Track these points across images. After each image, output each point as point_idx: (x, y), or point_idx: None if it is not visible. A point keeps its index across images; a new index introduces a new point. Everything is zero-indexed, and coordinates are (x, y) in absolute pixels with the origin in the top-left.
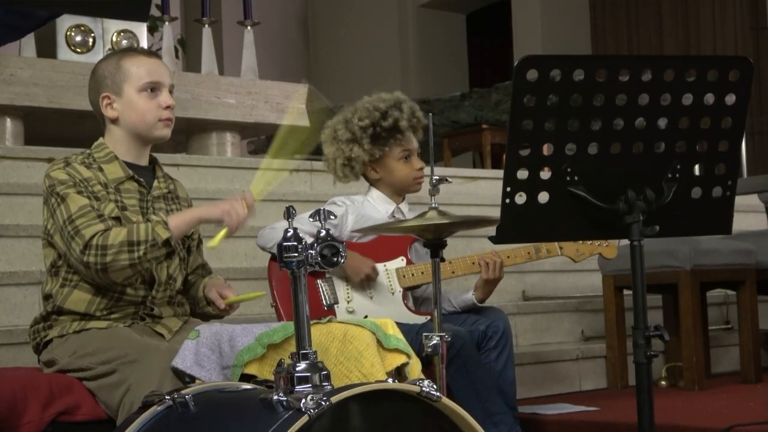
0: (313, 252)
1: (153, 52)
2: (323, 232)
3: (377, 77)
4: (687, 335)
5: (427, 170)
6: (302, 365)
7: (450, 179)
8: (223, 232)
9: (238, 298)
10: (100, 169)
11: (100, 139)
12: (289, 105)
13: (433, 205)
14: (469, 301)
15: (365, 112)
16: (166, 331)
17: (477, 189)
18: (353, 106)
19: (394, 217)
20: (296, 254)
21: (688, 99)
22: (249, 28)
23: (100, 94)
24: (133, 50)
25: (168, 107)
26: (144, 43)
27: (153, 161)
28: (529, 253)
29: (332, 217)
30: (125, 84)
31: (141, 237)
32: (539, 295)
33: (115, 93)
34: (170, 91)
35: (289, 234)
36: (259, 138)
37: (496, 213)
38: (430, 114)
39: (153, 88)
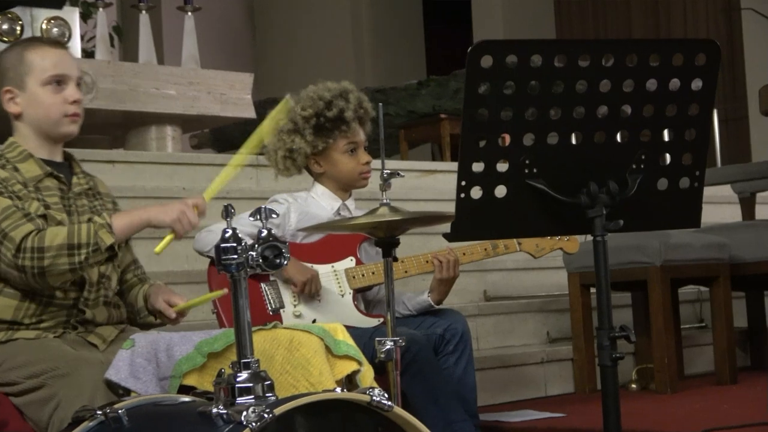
0: (253, 253)
1: (59, 42)
2: (264, 232)
3: (329, 66)
4: (658, 335)
5: (378, 164)
6: (244, 375)
7: (402, 173)
8: (169, 238)
9: (189, 303)
10: (16, 169)
11: (10, 138)
12: (238, 96)
13: (385, 201)
14: (425, 302)
15: (308, 102)
16: (100, 341)
17: (435, 183)
18: (296, 96)
19: (340, 214)
20: (235, 256)
21: (652, 85)
22: (190, 13)
23: (1, 88)
24: (38, 40)
25: (75, 102)
26: (76, 32)
27: (68, 157)
28: (486, 249)
29: (274, 215)
30: (28, 77)
31: (83, 240)
32: (501, 294)
33: (18, 87)
34: (78, 84)
35: (227, 235)
36: (202, 131)
37: (454, 208)
38: (380, 104)
39: (59, 81)
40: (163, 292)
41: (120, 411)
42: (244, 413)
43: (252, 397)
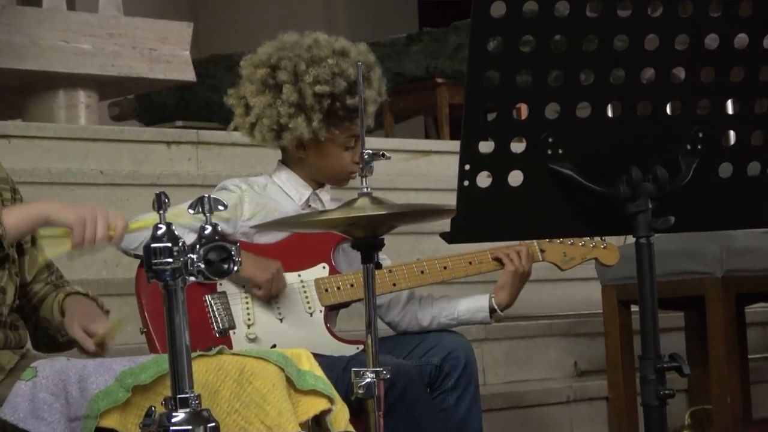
0: (194, 256)
1: None
2: (209, 229)
3: (290, 12)
4: (718, 367)
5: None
6: (180, 415)
7: (388, 154)
8: (59, 231)
9: (111, 327)
10: None
11: None
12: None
13: (365, 189)
14: (483, 308)
15: (327, 74)
16: None
17: (430, 167)
18: (304, 46)
19: (310, 206)
20: (170, 260)
21: (712, 41)
22: None
23: None
24: None
25: None
26: None
27: None
28: (497, 259)
29: (221, 207)
30: None
31: None
32: (516, 314)
33: None
34: None
35: (160, 231)
36: (125, 99)
37: (454, 199)
38: (359, 64)
39: None
40: (80, 315)
41: None
42: None
43: None
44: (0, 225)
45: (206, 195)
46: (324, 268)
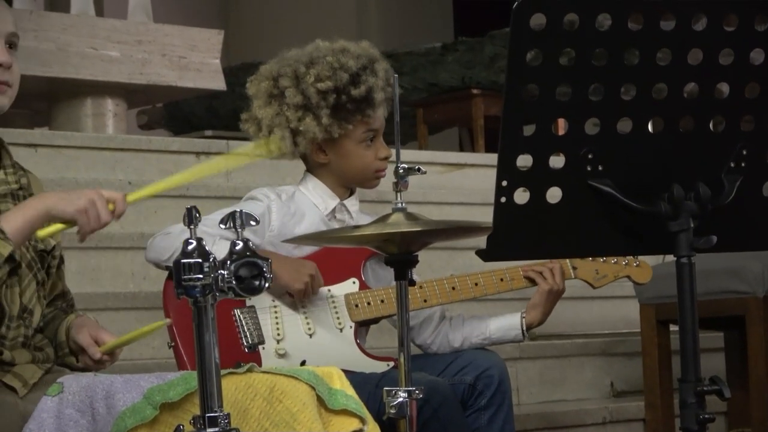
0: (225, 272)
1: None
2: (240, 245)
3: (322, 20)
4: (758, 389)
5: (391, 156)
6: None
7: (423, 168)
8: (61, 226)
9: (121, 340)
10: None
11: None
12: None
13: (399, 204)
14: (515, 326)
15: (327, 70)
16: (20, 384)
17: (464, 180)
18: (305, 53)
19: (336, 217)
20: (200, 276)
21: (758, 56)
22: None
23: None
24: None
25: (1, 65)
26: None
27: None
28: (528, 278)
29: (252, 222)
30: None
31: None
32: (551, 332)
33: None
34: (9, 44)
35: (190, 247)
36: (153, 107)
37: (490, 215)
38: (396, 75)
39: None
40: (90, 326)
41: None
42: None
43: None
44: (7, 239)
45: (238, 209)
46: (354, 283)
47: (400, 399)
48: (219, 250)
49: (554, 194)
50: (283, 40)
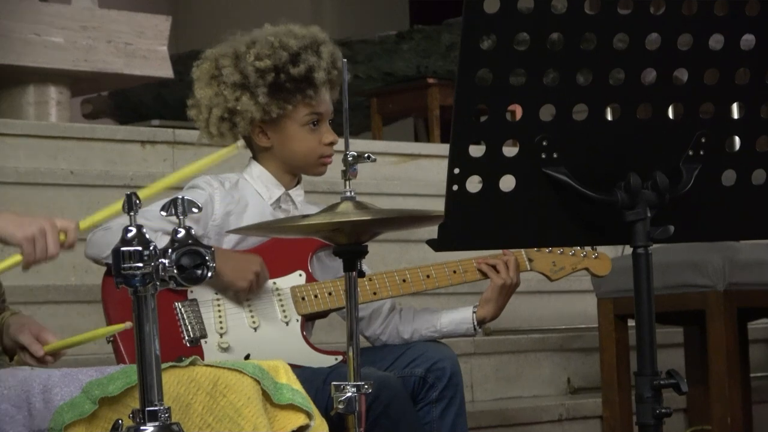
0: (166, 261)
1: None
2: (181, 232)
3: (276, 8)
4: (719, 385)
5: (341, 145)
6: (149, 429)
7: (374, 156)
8: (12, 261)
9: (67, 342)
10: None
11: None
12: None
13: (348, 193)
14: (466, 321)
15: (267, 49)
16: None
17: (418, 172)
18: (248, 36)
19: (280, 207)
20: (140, 264)
21: (717, 42)
22: None
23: None
24: None
25: None
26: None
27: None
28: (482, 270)
29: (195, 210)
30: None
31: None
32: (507, 327)
33: None
34: None
35: (130, 234)
36: (98, 95)
37: (443, 205)
38: (344, 60)
39: None
40: (30, 324)
41: None
42: None
43: None
44: None
45: (179, 196)
46: (300, 275)
47: (349, 394)
48: (160, 244)
49: (508, 183)
50: (234, 28)
